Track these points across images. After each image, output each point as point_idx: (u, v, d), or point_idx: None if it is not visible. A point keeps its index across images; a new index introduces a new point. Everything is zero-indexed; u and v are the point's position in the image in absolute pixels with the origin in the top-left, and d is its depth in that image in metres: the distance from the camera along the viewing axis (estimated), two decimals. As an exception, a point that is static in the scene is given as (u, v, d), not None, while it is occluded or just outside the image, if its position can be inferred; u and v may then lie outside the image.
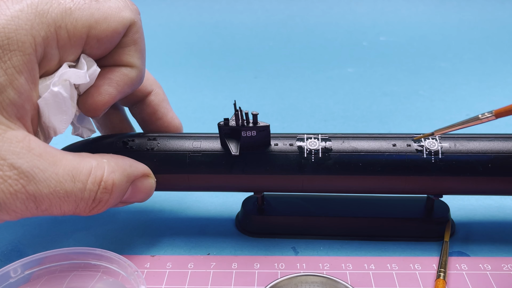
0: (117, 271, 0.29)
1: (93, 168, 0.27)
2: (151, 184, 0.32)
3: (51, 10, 0.25)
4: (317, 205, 0.36)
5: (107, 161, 0.28)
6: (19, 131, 0.25)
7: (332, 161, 0.31)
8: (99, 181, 0.27)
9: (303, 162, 0.31)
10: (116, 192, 0.28)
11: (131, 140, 0.33)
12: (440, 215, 0.35)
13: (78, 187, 0.26)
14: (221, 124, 0.31)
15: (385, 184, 0.32)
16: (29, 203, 0.24)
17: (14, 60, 0.24)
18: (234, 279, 0.30)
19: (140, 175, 0.31)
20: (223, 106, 0.60)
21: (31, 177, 0.24)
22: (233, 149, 0.31)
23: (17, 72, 0.24)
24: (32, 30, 0.24)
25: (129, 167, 0.30)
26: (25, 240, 0.35)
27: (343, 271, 0.31)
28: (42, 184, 0.24)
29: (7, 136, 0.24)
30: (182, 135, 0.34)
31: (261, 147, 0.32)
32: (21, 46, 0.24)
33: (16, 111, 0.25)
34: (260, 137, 0.31)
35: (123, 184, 0.29)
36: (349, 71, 0.74)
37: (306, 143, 0.32)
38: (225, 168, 0.32)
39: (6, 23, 0.24)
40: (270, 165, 0.32)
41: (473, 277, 0.30)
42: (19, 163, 0.24)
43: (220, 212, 0.39)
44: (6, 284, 0.28)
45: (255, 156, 0.32)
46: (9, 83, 0.24)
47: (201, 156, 0.32)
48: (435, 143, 0.31)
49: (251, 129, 0.31)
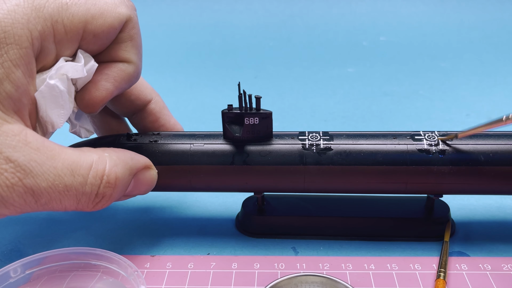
0: (117, 271, 0.29)
1: (94, 162, 0.27)
2: (153, 175, 0.32)
3: (47, 4, 0.25)
4: (318, 205, 0.36)
5: (108, 154, 0.28)
6: (15, 124, 0.24)
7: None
8: (101, 175, 0.27)
9: (305, 153, 0.32)
10: (119, 186, 0.28)
11: (134, 135, 0.34)
12: (440, 215, 0.35)
13: (78, 181, 0.26)
14: (225, 110, 0.32)
15: (387, 183, 0.32)
16: (27, 197, 0.24)
17: (10, 53, 0.24)
18: (234, 279, 0.30)
19: (142, 167, 0.31)
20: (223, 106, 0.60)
21: (28, 170, 0.24)
22: (237, 131, 0.31)
23: (14, 65, 0.24)
24: (28, 24, 0.24)
25: (130, 159, 0.29)
26: (25, 240, 0.35)
27: (343, 271, 0.31)
28: (40, 178, 0.24)
29: (3, 129, 0.24)
30: (184, 133, 0.34)
31: (263, 137, 0.32)
32: (18, 39, 0.24)
33: (13, 104, 0.24)
34: (263, 125, 0.32)
35: (126, 178, 0.29)
36: (349, 71, 0.74)
37: (308, 137, 0.32)
38: (227, 159, 0.32)
39: (2, 17, 0.24)
40: (273, 156, 0.32)
41: (473, 277, 0.30)
42: (15, 156, 0.23)
43: (220, 212, 0.39)
44: (6, 284, 0.28)
45: (257, 146, 0.32)
46: (6, 77, 0.24)
47: (203, 147, 0.32)
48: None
49: (254, 115, 0.31)
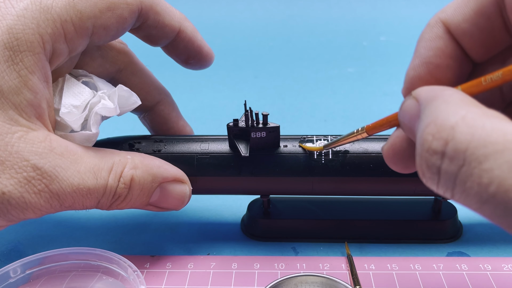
0: (117, 271, 0.29)
1: (114, 164, 0.27)
2: (184, 190, 0.31)
3: (54, 4, 0.26)
4: (324, 208, 0.36)
5: (131, 157, 0.28)
6: (40, 131, 0.25)
7: (342, 162, 0.31)
8: (119, 176, 0.27)
9: (313, 164, 0.31)
10: (136, 188, 0.28)
11: (137, 142, 0.33)
12: (448, 217, 0.34)
13: (101, 183, 0.26)
14: (230, 125, 0.31)
15: (396, 186, 0.32)
16: (53, 201, 0.25)
17: (25, 61, 0.24)
18: (234, 279, 0.30)
19: (171, 179, 0.30)
20: (223, 106, 0.60)
21: (54, 176, 0.25)
22: (243, 150, 0.30)
23: (30, 72, 0.25)
24: (39, 28, 0.25)
25: (156, 167, 0.29)
26: (25, 240, 0.35)
27: (343, 271, 0.31)
28: (65, 183, 0.25)
29: (29, 137, 0.25)
30: (189, 137, 0.33)
31: (270, 148, 0.32)
32: (30, 46, 0.25)
33: (35, 111, 0.25)
34: (270, 138, 0.31)
35: (146, 183, 0.28)
36: (349, 71, 0.74)
37: (316, 144, 0.32)
38: (234, 170, 0.32)
39: (13, 24, 0.24)
40: (280, 167, 0.31)
41: (473, 277, 0.30)
42: (41, 163, 0.24)
43: (220, 212, 0.39)
44: (6, 284, 0.28)
45: (264, 157, 0.31)
46: (24, 84, 0.24)
47: (209, 158, 0.32)
48: None
49: (261, 130, 0.31)
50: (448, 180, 0.17)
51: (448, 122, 0.17)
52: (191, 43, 0.32)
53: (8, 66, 0.24)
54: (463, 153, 0.16)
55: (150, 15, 0.30)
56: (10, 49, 0.24)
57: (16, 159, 0.24)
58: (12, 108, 0.24)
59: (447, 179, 0.17)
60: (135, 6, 0.28)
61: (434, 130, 0.17)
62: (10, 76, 0.24)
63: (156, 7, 0.30)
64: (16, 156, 0.24)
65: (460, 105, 0.17)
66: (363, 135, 0.27)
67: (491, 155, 0.15)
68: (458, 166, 0.16)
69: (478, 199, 0.16)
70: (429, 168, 0.18)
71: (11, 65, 0.24)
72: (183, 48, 0.33)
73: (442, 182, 0.17)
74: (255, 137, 0.31)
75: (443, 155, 0.17)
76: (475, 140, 0.16)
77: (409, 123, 0.21)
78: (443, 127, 0.17)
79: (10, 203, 0.24)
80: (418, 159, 0.18)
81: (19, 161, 0.24)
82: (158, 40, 0.32)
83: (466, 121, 0.16)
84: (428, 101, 0.19)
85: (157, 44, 0.32)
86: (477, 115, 0.17)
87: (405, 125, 0.21)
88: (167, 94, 0.36)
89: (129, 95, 0.29)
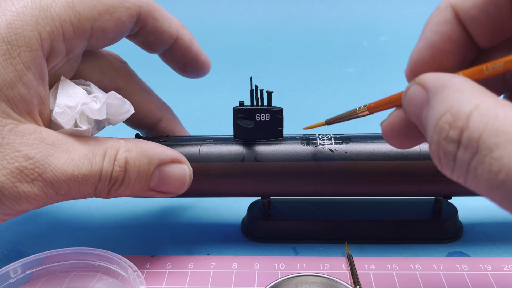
0: (117, 271, 0.29)
1: (108, 148, 0.27)
2: (183, 171, 0.30)
3: (54, 4, 0.26)
4: (324, 209, 0.36)
5: (124, 141, 0.28)
6: (29, 124, 0.25)
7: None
8: (114, 159, 0.27)
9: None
10: (132, 171, 0.28)
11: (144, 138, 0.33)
12: (448, 217, 0.34)
13: (96, 168, 0.26)
14: (236, 107, 0.32)
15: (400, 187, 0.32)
16: (47, 190, 0.25)
17: (23, 56, 0.25)
18: (234, 279, 0.30)
19: (168, 160, 0.30)
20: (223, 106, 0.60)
21: (46, 165, 0.25)
22: (249, 123, 0.31)
23: (26, 68, 0.25)
24: (37, 25, 0.25)
25: (151, 149, 0.29)
26: (25, 240, 0.35)
27: (343, 271, 0.31)
28: (58, 171, 0.25)
29: (19, 129, 0.25)
30: (193, 136, 0.34)
31: (273, 136, 0.32)
32: (28, 42, 0.25)
33: (26, 106, 0.25)
34: (274, 122, 0.31)
35: (142, 165, 0.28)
36: (349, 71, 0.74)
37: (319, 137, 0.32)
38: (237, 157, 0.31)
39: (12, 19, 0.25)
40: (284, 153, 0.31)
41: (473, 277, 0.30)
42: (33, 153, 0.25)
43: (220, 212, 0.39)
44: (6, 284, 0.28)
45: (268, 145, 0.32)
46: (19, 79, 0.25)
47: (213, 146, 0.32)
48: None
49: (265, 111, 0.31)
50: (462, 167, 0.18)
51: (463, 111, 0.17)
52: (188, 50, 0.33)
53: (5, 59, 0.24)
54: (476, 141, 0.17)
55: (148, 20, 0.30)
56: (8, 43, 0.24)
57: (7, 150, 0.24)
58: (5, 101, 0.24)
59: (461, 166, 0.18)
60: (133, 11, 0.29)
61: (450, 119, 0.18)
62: (6, 69, 0.24)
63: (154, 13, 0.30)
64: (7, 148, 0.24)
65: (473, 94, 0.18)
66: (364, 113, 0.28)
67: (501, 144, 0.16)
68: (472, 154, 0.17)
69: (488, 186, 0.17)
70: (446, 155, 0.18)
71: (8, 59, 0.24)
72: (180, 56, 0.33)
73: (457, 168, 0.18)
74: (260, 120, 0.31)
75: (459, 143, 0.17)
76: (488, 130, 0.16)
77: (415, 109, 0.21)
78: (458, 116, 0.17)
79: (3, 193, 0.24)
80: (434, 146, 0.19)
81: (10, 152, 0.24)
82: (156, 46, 0.32)
83: (480, 110, 0.17)
84: (437, 89, 0.19)
85: (154, 51, 0.33)
86: (490, 104, 0.17)
87: (409, 111, 0.22)
88: (168, 110, 0.36)
89: (122, 103, 0.29)
